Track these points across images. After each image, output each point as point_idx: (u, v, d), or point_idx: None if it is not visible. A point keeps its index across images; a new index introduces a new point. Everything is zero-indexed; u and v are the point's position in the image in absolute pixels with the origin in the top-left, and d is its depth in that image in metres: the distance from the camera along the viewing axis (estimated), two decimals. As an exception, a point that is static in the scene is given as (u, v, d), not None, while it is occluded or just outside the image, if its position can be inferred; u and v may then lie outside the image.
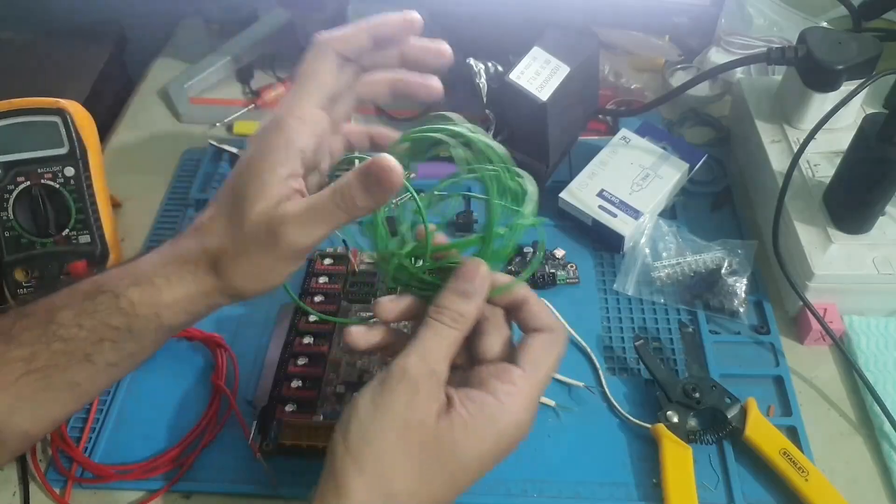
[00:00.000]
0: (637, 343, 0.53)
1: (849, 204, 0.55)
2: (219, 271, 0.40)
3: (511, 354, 0.40)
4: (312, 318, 0.57)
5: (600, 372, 0.54)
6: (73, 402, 0.42)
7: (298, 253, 0.40)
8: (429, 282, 0.41)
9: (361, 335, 0.42)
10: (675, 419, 0.50)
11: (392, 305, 0.41)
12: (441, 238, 0.43)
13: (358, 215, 0.39)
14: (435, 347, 0.38)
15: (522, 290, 0.41)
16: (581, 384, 0.54)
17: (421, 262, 0.41)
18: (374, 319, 0.42)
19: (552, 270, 0.60)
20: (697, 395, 0.51)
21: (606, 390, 0.53)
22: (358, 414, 0.36)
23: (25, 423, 0.41)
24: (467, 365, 0.41)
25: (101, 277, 0.41)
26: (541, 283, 0.60)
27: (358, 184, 0.38)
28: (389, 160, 0.37)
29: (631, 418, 0.52)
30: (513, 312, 0.42)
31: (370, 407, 0.36)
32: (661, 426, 0.50)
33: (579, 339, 0.56)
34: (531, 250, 0.61)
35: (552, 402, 0.53)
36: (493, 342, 0.40)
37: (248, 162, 0.40)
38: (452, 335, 0.38)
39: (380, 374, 0.38)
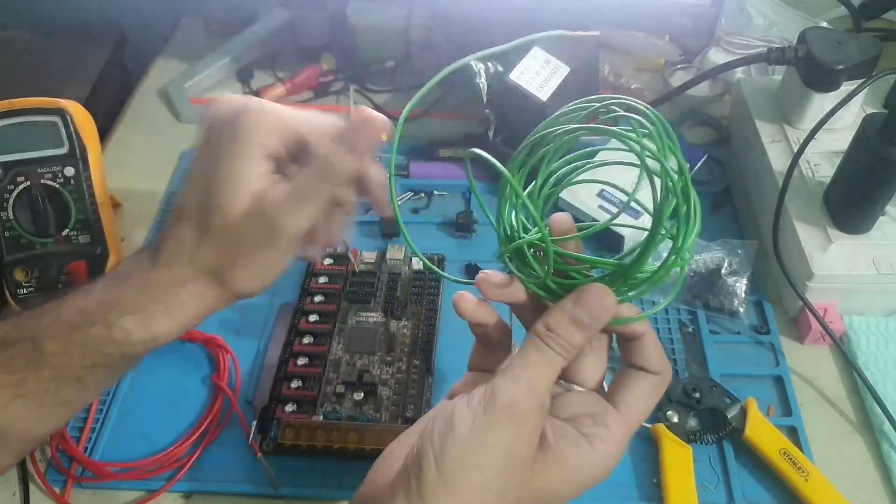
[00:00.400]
0: (637, 343, 0.53)
1: (849, 204, 0.55)
2: (222, 283, 0.39)
3: (604, 386, 0.38)
4: (312, 318, 0.57)
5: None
6: (63, 417, 0.42)
7: (296, 238, 0.39)
8: (546, 286, 0.36)
9: (471, 305, 0.37)
10: (675, 419, 0.50)
11: (478, 307, 0.37)
12: (577, 247, 0.38)
13: (343, 179, 0.38)
14: (542, 376, 0.34)
15: (642, 324, 0.37)
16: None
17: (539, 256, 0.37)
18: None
19: (552, 270, 0.60)
20: (697, 395, 0.51)
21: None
22: (457, 438, 0.32)
23: (16, 441, 0.41)
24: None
25: (86, 304, 0.39)
26: (541, 283, 0.60)
27: (338, 146, 0.37)
28: (363, 110, 0.37)
29: (631, 418, 0.51)
30: (622, 342, 0.38)
31: (471, 434, 0.33)
32: (661, 426, 0.50)
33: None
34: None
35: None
36: (592, 370, 0.38)
37: (204, 176, 0.39)
38: (559, 363, 0.35)
39: (482, 394, 0.33)
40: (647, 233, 0.35)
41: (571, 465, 0.34)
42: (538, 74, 0.61)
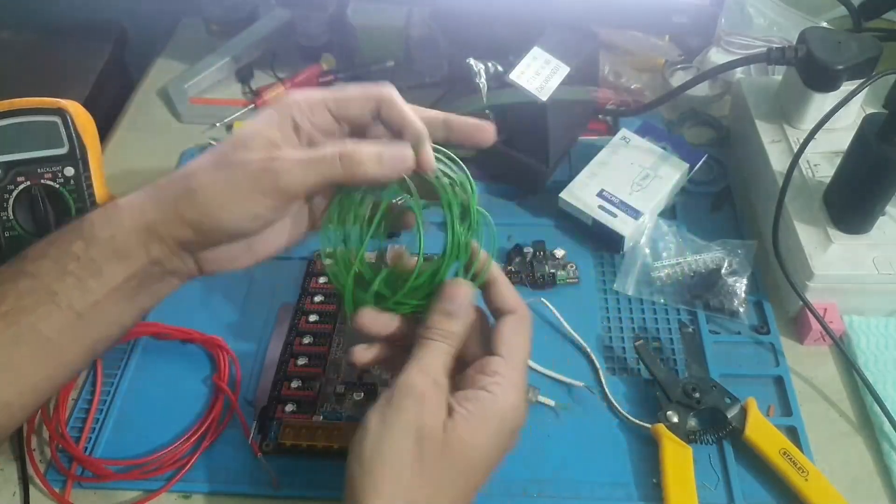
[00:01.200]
0: (637, 343, 0.53)
1: (849, 204, 0.55)
2: (189, 194, 0.40)
3: (489, 343, 0.42)
4: (312, 318, 0.57)
5: (600, 372, 0.54)
6: (45, 361, 0.41)
7: (280, 191, 0.39)
8: (408, 303, 0.43)
9: (362, 352, 0.43)
10: (675, 419, 0.50)
11: (365, 352, 0.43)
12: (406, 258, 0.44)
13: (356, 178, 0.40)
14: (433, 361, 0.39)
15: (493, 271, 0.43)
16: (581, 384, 0.54)
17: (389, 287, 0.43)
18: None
19: (552, 270, 0.60)
20: (697, 395, 0.51)
21: (606, 390, 0.53)
22: (369, 433, 0.37)
23: (2, 386, 0.39)
24: (455, 372, 0.42)
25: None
26: (541, 282, 0.60)
27: (373, 156, 0.40)
28: (407, 149, 0.41)
29: (631, 418, 0.52)
30: (483, 294, 0.43)
31: (380, 425, 0.37)
32: (661, 426, 0.50)
33: (579, 339, 0.56)
34: (531, 250, 0.61)
35: (552, 402, 0.53)
36: (473, 343, 0.43)
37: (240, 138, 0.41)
38: (446, 349, 0.40)
39: (385, 394, 0.38)
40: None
41: (477, 416, 0.38)
42: (538, 74, 0.61)
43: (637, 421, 0.51)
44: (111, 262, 0.40)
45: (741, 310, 0.57)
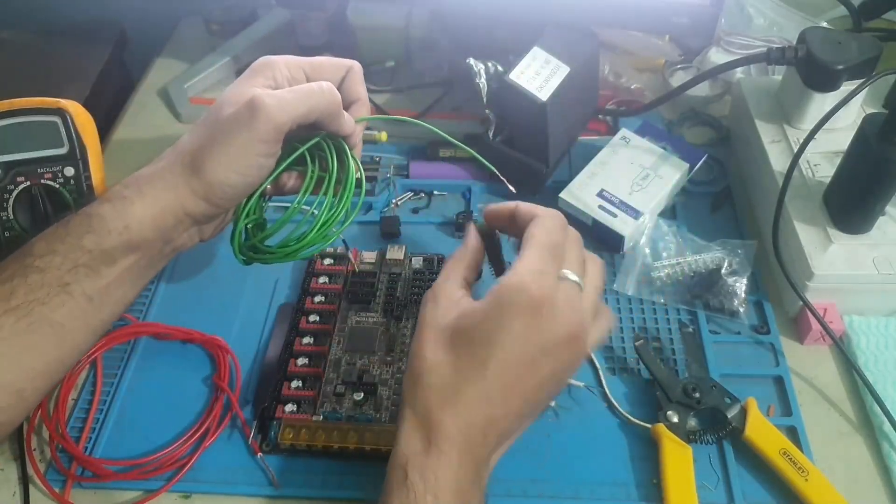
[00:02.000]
0: (637, 343, 0.53)
1: (849, 204, 0.55)
2: (194, 166, 0.42)
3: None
4: (312, 318, 0.57)
5: (600, 372, 0.54)
6: (56, 346, 0.42)
7: (274, 132, 0.42)
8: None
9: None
10: (675, 419, 0.50)
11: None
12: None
13: (336, 106, 0.45)
14: (444, 272, 0.44)
15: (513, 205, 0.45)
16: (581, 384, 0.54)
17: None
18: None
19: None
20: (697, 395, 0.51)
21: (607, 390, 0.53)
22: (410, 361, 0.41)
23: (11, 374, 0.40)
24: None
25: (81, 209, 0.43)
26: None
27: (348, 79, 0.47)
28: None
29: (631, 418, 0.52)
30: (515, 228, 0.44)
31: (412, 338, 0.44)
32: (661, 426, 0.50)
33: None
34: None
35: (552, 402, 0.53)
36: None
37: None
38: (453, 260, 0.44)
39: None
40: None
41: (492, 302, 0.39)
42: (538, 74, 0.61)
43: (637, 421, 0.51)
44: (125, 252, 0.41)
45: (741, 310, 0.57)
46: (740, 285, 0.57)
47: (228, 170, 0.42)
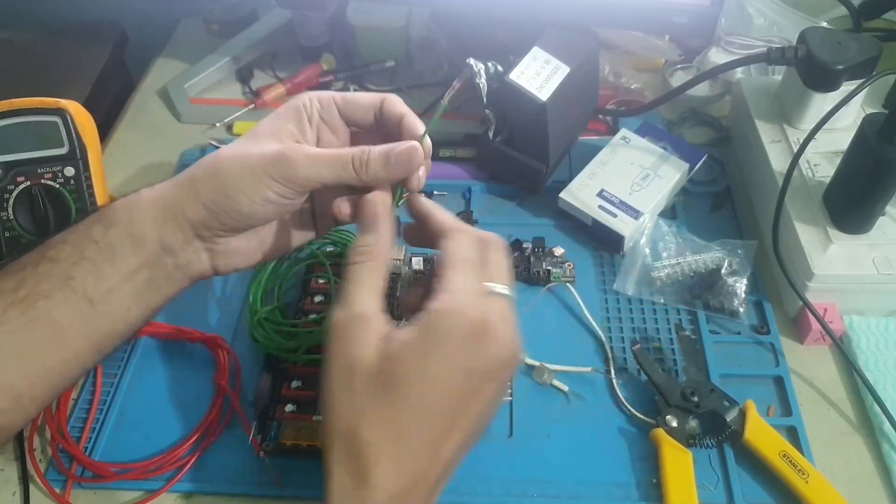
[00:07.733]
0: (634, 348, 0.53)
1: (849, 204, 0.55)
2: (210, 169, 0.42)
3: None
4: (312, 317, 0.57)
5: (611, 363, 0.55)
6: (56, 350, 0.41)
7: (294, 180, 0.41)
8: None
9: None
10: (675, 423, 0.50)
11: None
12: None
13: (364, 180, 0.42)
14: (353, 290, 0.38)
15: (424, 205, 0.44)
16: (589, 369, 0.54)
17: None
18: None
19: (548, 267, 0.60)
20: (696, 398, 0.51)
21: (614, 381, 0.53)
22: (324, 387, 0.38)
23: (10, 375, 0.40)
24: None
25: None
26: (535, 279, 0.60)
27: (380, 156, 0.42)
28: (415, 145, 0.42)
29: (634, 412, 0.52)
30: (431, 237, 0.42)
31: (323, 372, 0.38)
32: (660, 431, 0.49)
33: (594, 325, 0.57)
34: (530, 246, 0.62)
35: (566, 388, 0.53)
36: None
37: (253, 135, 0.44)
38: (368, 267, 0.39)
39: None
40: None
41: (414, 334, 0.36)
42: (538, 74, 0.61)
43: (640, 415, 0.51)
44: (126, 247, 0.41)
45: (741, 310, 0.57)
46: (740, 285, 0.57)
47: (237, 191, 0.41)
